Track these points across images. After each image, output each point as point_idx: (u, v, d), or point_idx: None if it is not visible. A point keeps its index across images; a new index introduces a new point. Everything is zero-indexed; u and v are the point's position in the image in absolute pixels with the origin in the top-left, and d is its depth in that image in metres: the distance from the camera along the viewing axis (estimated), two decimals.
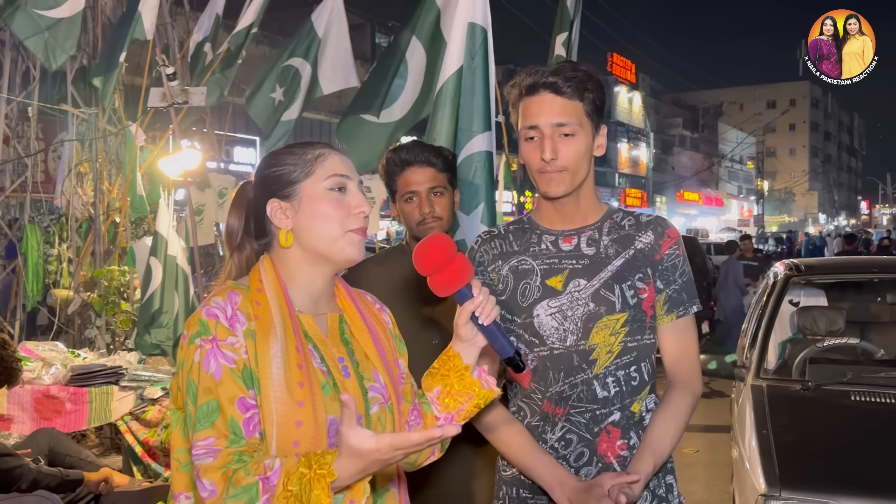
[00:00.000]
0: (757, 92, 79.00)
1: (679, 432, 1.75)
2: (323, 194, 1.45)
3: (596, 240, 1.80)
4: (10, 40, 6.60)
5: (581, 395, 1.75)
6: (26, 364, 4.42)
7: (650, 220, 1.84)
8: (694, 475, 5.57)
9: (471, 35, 3.45)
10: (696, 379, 1.82)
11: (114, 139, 6.79)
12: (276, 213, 1.47)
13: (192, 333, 1.36)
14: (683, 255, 1.84)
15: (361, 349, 1.51)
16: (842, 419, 3.40)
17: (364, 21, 28.76)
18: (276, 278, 1.45)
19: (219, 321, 1.36)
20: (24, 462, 3.33)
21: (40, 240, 6.56)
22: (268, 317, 1.40)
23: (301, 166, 1.47)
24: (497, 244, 1.87)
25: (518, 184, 10.06)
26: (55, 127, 7.42)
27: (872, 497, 2.81)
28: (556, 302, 1.76)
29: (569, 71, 1.72)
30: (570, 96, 1.71)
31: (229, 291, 1.41)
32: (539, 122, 1.71)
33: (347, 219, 1.46)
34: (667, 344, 1.82)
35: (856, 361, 4.18)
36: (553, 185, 1.75)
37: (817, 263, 5.60)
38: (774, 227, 56.55)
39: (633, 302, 1.76)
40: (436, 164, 2.33)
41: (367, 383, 1.48)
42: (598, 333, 1.74)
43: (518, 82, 1.76)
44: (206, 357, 1.34)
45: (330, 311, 1.52)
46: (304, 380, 1.37)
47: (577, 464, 1.75)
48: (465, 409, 1.55)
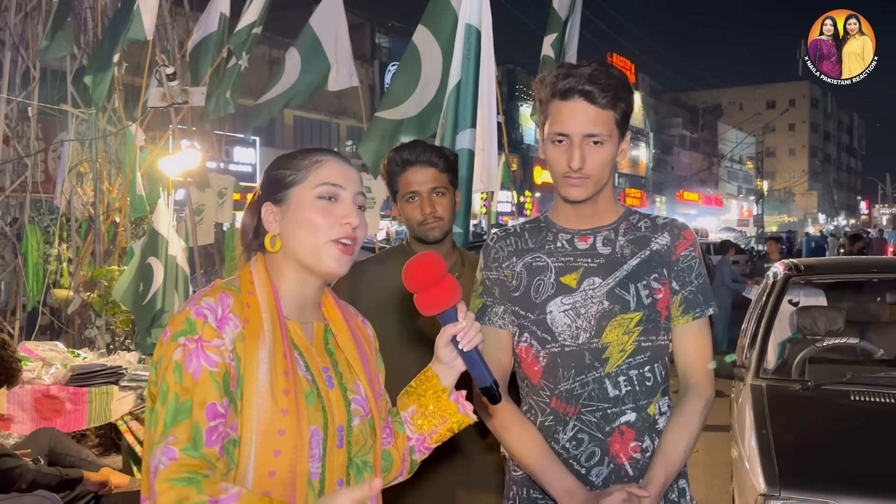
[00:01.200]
0: (756, 92, 79.06)
1: (693, 440, 1.75)
2: (311, 202, 1.42)
3: (612, 240, 1.80)
4: (11, 40, 6.60)
5: (592, 394, 1.74)
6: (26, 364, 4.43)
7: (666, 222, 1.85)
8: (694, 475, 5.54)
9: (467, 37, 3.47)
10: (710, 383, 1.81)
11: (114, 139, 6.80)
12: (268, 217, 1.45)
13: (177, 332, 1.32)
14: (699, 257, 1.84)
15: (345, 359, 1.49)
16: (841, 419, 3.40)
17: (364, 21, 28.75)
18: (268, 281, 1.43)
19: (207, 321, 1.32)
20: (22, 462, 3.33)
21: (40, 240, 6.57)
22: (258, 320, 1.37)
23: (296, 172, 1.45)
24: (512, 241, 1.87)
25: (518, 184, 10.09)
26: (55, 127, 7.42)
27: (872, 497, 2.81)
28: (570, 299, 1.76)
29: (604, 79, 1.69)
30: (603, 106, 1.69)
31: (220, 293, 1.38)
32: (570, 130, 1.70)
33: (332, 228, 1.41)
34: (681, 345, 1.81)
35: (855, 361, 4.19)
36: (575, 191, 1.75)
37: (817, 263, 5.60)
38: (774, 227, 56.58)
39: (647, 301, 1.76)
40: (438, 164, 2.33)
41: (349, 395, 1.45)
42: (612, 332, 1.74)
43: (551, 83, 1.73)
44: (189, 356, 1.30)
45: (315, 320, 1.49)
46: (290, 388, 1.34)
47: (588, 464, 1.74)
48: (438, 432, 1.54)
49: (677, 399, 1.79)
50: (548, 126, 1.75)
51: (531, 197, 34.66)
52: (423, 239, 2.34)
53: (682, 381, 1.82)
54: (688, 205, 60.03)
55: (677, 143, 60.67)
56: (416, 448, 1.56)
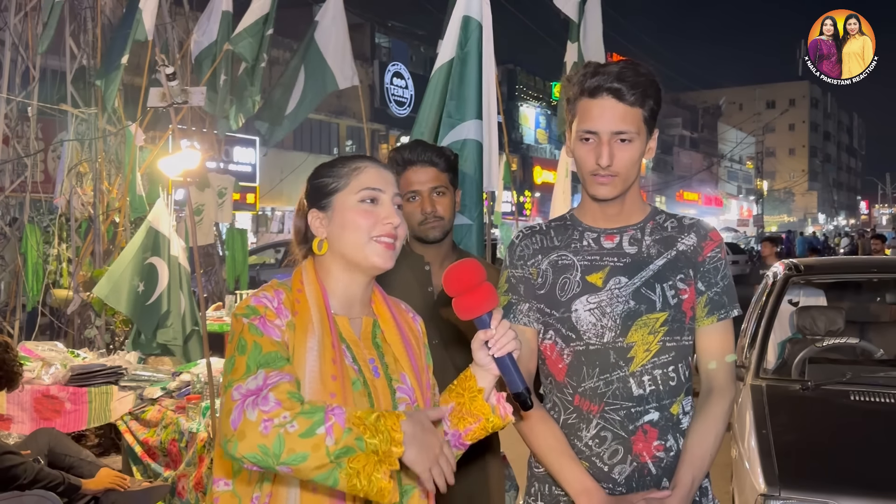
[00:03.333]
0: (756, 92, 79.06)
1: (718, 441, 1.76)
2: (354, 205, 1.54)
3: (638, 239, 1.81)
4: (11, 40, 6.60)
5: (616, 393, 1.75)
6: (26, 364, 4.42)
7: (693, 223, 1.85)
8: None
9: (464, 27, 3.45)
10: (733, 383, 1.82)
11: (113, 139, 6.80)
12: (314, 223, 1.58)
13: (242, 313, 1.47)
14: (725, 258, 1.84)
15: (392, 353, 1.58)
16: (841, 419, 3.40)
17: (364, 21, 28.74)
18: (317, 281, 1.56)
19: (267, 308, 1.48)
20: (25, 459, 3.33)
21: (40, 240, 6.57)
22: (306, 314, 1.50)
23: (338, 179, 1.57)
24: (538, 239, 1.87)
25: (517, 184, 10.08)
26: (55, 127, 7.42)
27: (872, 497, 2.81)
28: (596, 298, 1.76)
29: (632, 76, 1.69)
30: (631, 104, 1.69)
31: (275, 289, 1.53)
32: (599, 128, 1.70)
33: (375, 227, 1.54)
34: (705, 346, 1.82)
35: (855, 361, 4.18)
36: (603, 189, 1.75)
37: (816, 263, 5.60)
38: (774, 227, 56.61)
39: (673, 302, 1.76)
40: (438, 164, 2.33)
41: (395, 384, 1.55)
42: (637, 331, 1.74)
43: (579, 81, 1.73)
44: (263, 324, 1.45)
45: (364, 315, 1.60)
46: (338, 374, 1.45)
47: (610, 461, 1.75)
48: (473, 431, 1.59)
49: (700, 400, 1.80)
50: (576, 124, 1.75)
51: (531, 197, 34.61)
52: (423, 238, 2.34)
53: (704, 382, 1.82)
54: (688, 205, 59.99)
55: (677, 143, 60.66)
56: (451, 443, 1.60)
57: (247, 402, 1.32)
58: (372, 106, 28.03)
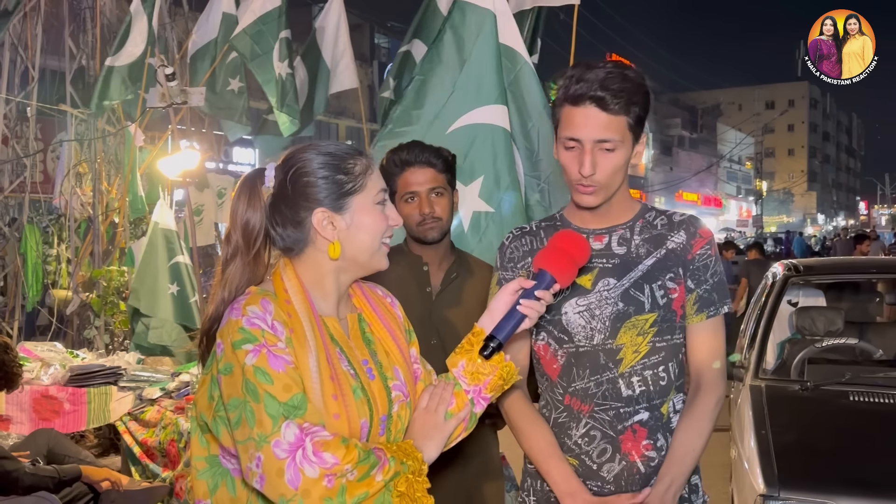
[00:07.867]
0: (755, 92, 79.00)
1: (704, 439, 1.76)
2: (371, 208, 1.51)
3: (627, 239, 1.80)
4: (10, 40, 6.60)
5: (606, 394, 1.75)
6: (25, 364, 4.42)
7: (683, 220, 1.84)
8: None
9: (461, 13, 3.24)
10: (723, 381, 1.82)
11: (113, 139, 6.80)
12: (322, 223, 1.47)
13: (236, 340, 1.37)
14: (716, 255, 1.83)
15: (382, 347, 1.57)
16: (840, 419, 3.40)
17: (364, 21, 28.75)
18: (300, 286, 1.48)
19: (264, 330, 1.38)
20: (20, 465, 3.32)
21: (39, 240, 6.56)
22: (301, 330, 1.43)
23: (354, 179, 1.49)
24: (527, 241, 1.88)
25: None
26: (54, 127, 7.43)
27: (871, 497, 2.81)
28: (585, 300, 1.77)
29: (617, 83, 1.66)
30: (615, 112, 1.67)
31: (261, 299, 1.41)
32: (581, 136, 1.69)
33: (387, 230, 1.54)
34: (695, 344, 1.81)
35: (854, 362, 4.19)
36: (587, 198, 1.75)
37: (816, 264, 5.60)
38: (773, 228, 56.55)
39: (662, 302, 1.76)
40: (436, 164, 2.33)
41: (390, 383, 1.53)
42: (626, 333, 1.75)
43: (563, 86, 1.71)
44: (269, 359, 1.36)
45: (349, 313, 1.57)
46: (337, 391, 1.42)
47: (599, 460, 1.75)
48: (492, 382, 1.60)
49: (689, 397, 1.80)
50: (560, 130, 1.75)
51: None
52: (420, 239, 2.33)
53: (693, 380, 1.82)
54: (687, 205, 59.90)
55: (676, 144, 60.65)
56: (475, 400, 1.60)
57: (296, 457, 1.31)
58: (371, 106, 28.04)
